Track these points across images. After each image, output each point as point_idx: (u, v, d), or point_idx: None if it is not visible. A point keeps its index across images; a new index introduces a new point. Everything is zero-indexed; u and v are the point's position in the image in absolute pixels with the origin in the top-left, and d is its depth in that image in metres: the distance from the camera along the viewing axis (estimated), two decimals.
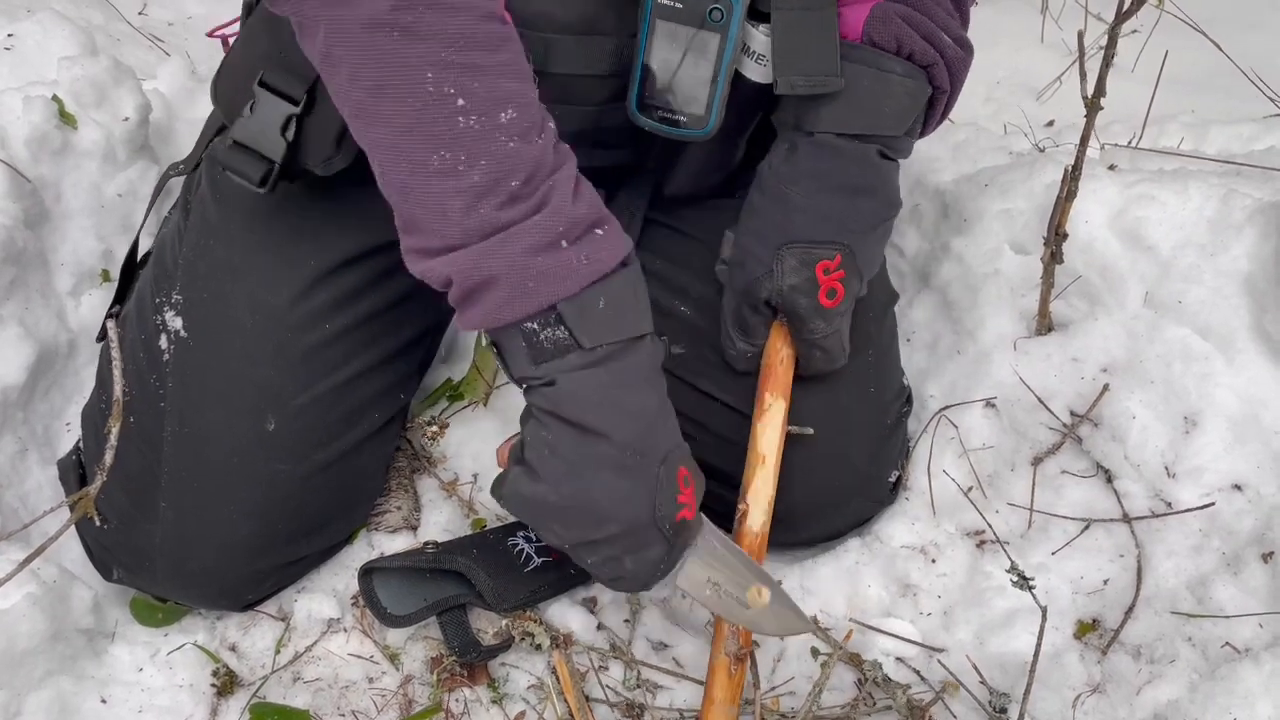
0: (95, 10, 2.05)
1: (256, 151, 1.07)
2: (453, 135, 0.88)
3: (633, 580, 1.00)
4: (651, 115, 1.07)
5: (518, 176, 0.89)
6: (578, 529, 0.97)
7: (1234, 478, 1.17)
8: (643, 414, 0.95)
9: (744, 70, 1.06)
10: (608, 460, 0.94)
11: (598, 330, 0.92)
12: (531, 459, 0.96)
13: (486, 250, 0.89)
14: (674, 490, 0.97)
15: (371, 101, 0.89)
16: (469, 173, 0.88)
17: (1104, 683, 1.11)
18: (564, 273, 0.91)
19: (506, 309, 0.91)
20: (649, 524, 0.96)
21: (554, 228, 0.90)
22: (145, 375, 1.13)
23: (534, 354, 0.93)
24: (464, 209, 0.89)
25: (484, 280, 0.90)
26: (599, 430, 0.94)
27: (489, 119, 0.89)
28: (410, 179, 0.90)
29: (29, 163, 1.31)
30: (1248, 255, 1.21)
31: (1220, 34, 1.75)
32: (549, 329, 0.92)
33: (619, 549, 0.97)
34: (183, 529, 1.10)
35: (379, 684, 1.15)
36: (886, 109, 1.06)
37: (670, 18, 1.01)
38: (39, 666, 1.06)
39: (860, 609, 1.20)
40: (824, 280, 1.07)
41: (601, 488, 0.94)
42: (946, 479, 1.24)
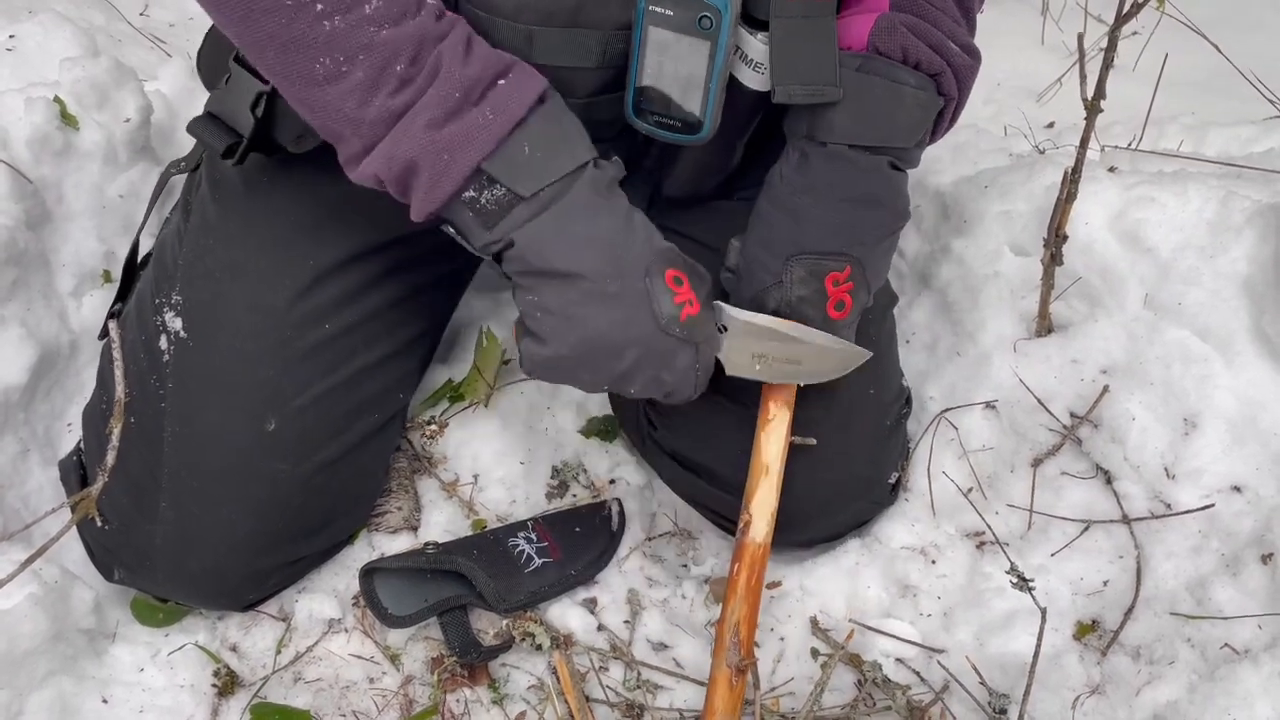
0: (96, 11, 2.06)
1: (227, 124, 1.09)
2: (324, 40, 0.91)
3: (681, 390, 1.05)
4: (647, 120, 1.07)
5: (400, 60, 0.92)
6: (603, 369, 1.01)
7: (1233, 479, 1.17)
8: (602, 239, 0.98)
9: (742, 78, 1.06)
10: (593, 295, 0.97)
11: (531, 176, 0.95)
12: (532, 326, 1.00)
13: (394, 138, 0.93)
14: (668, 294, 0.99)
15: (246, 31, 0.92)
16: (352, 71, 0.91)
17: (1103, 684, 1.11)
18: (474, 134, 0.93)
19: (436, 187, 0.94)
20: (660, 335, 1.00)
21: (450, 95, 0.93)
22: (145, 376, 1.14)
23: (483, 220, 0.96)
24: (359, 105, 0.92)
25: (404, 167, 0.94)
26: (570, 271, 0.97)
27: (352, 14, 0.91)
28: (306, 93, 0.94)
29: (31, 164, 1.31)
30: (1247, 257, 1.21)
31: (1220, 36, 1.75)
32: (486, 191, 0.95)
33: (649, 369, 1.01)
34: (183, 529, 1.11)
35: (380, 684, 1.15)
36: (900, 120, 1.06)
37: (662, 24, 1.01)
38: (40, 666, 1.06)
39: (860, 610, 1.20)
40: (833, 292, 1.06)
41: (600, 323, 0.98)
42: (946, 480, 1.24)
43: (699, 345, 1.03)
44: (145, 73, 1.61)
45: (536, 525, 1.23)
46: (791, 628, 1.20)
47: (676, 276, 1.01)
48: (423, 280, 1.22)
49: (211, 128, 1.10)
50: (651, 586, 1.24)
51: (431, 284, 1.24)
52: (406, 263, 1.19)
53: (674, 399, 1.07)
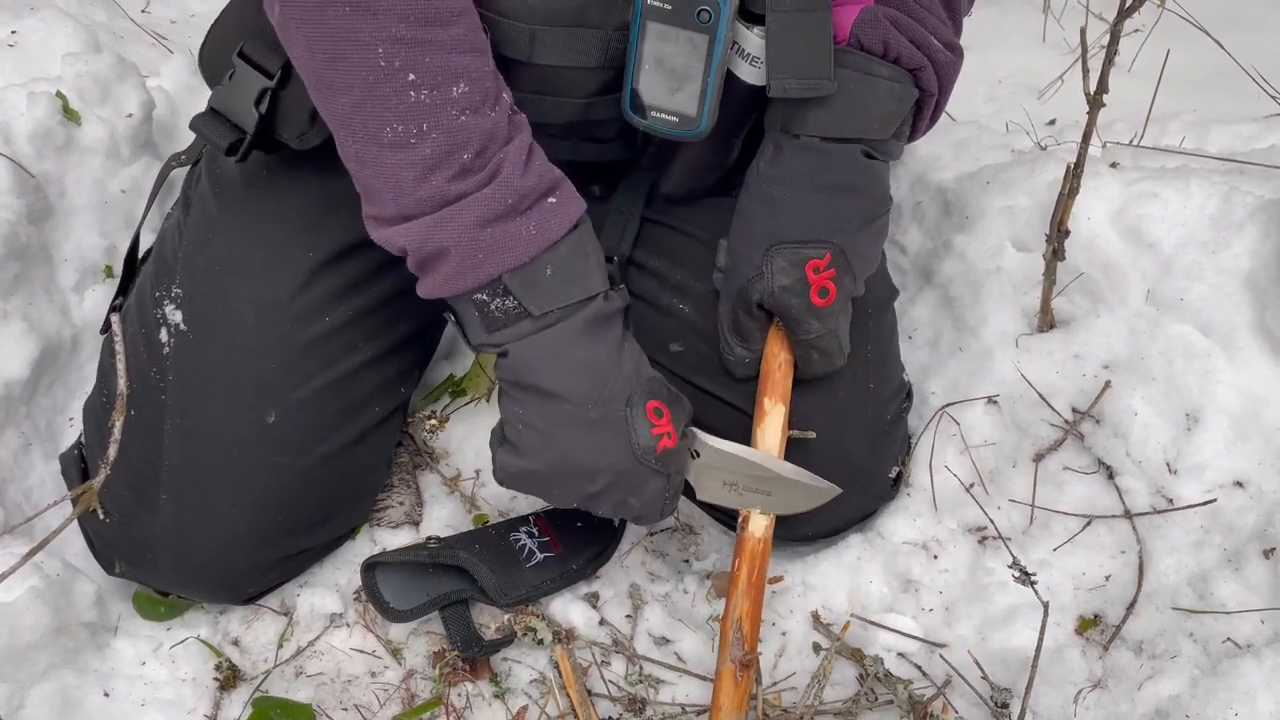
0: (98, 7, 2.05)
1: (230, 121, 1.09)
2: (404, 108, 0.91)
3: (648, 515, 1.08)
4: (645, 115, 1.07)
5: (469, 149, 0.93)
6: (574, 489, 1.04)
7: (1235, 474, 1.17)
8: (592, 366, 1.00)
9: (737, 72, 1.06)
10: (574, 419, 1.00)
11: (546, 298, 0.97)
12: (510, 436, 1.04)
13: (438, 222, 0.94)
14: (647, 425, 1.02)
15: (327, 73, 0.93)
16: (420, 145, 0.92)
17: (1105, 678, 1.11)
18: (512, 243, 0.95)
19: (458, 279, 0.96)
20: (634, 464, 1.02)
21: (503, 199, 0.94)
22: (146, 369, 1.14)
23: (487, 323, 0.99)
24: (416, 180, 0.93)
25: (435, 251, 0.95)
26: (555, 392, 1.00)
27: (440, 93, 0.92)
28: (365, 150, 0.94)
29: (33, 159, 1.31)
30: (1249, 253, 1.21)
31: (1222, 33, 1.75)
32: (498, 299, 0.97)
33: (619, 494, 1.04)
34: (184, 522, 1.11)
35: (381, 678, 1.15)
36: (873, 113, 1.06)
37: (660, 19, 1.01)
38: (42, 660, 1.06)
39: (862, 604, 1.20)
40: (815, 279, 1.07)
41: (577, 447, 1.01)
42: (948, 475, 1.24)
43: (670, 474, 1.05)
44: (147, 69, 1.61)
45: (538, 520, 1.23)
46: (793, 623, 1.20)
47: (658, 408, 1.03)
48: None
49: (215, 124, 1.10)
50: (653, 581, 1.24)
51: None
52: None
53: (641, 522, 1.10)
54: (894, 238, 1.45)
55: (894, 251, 1.45)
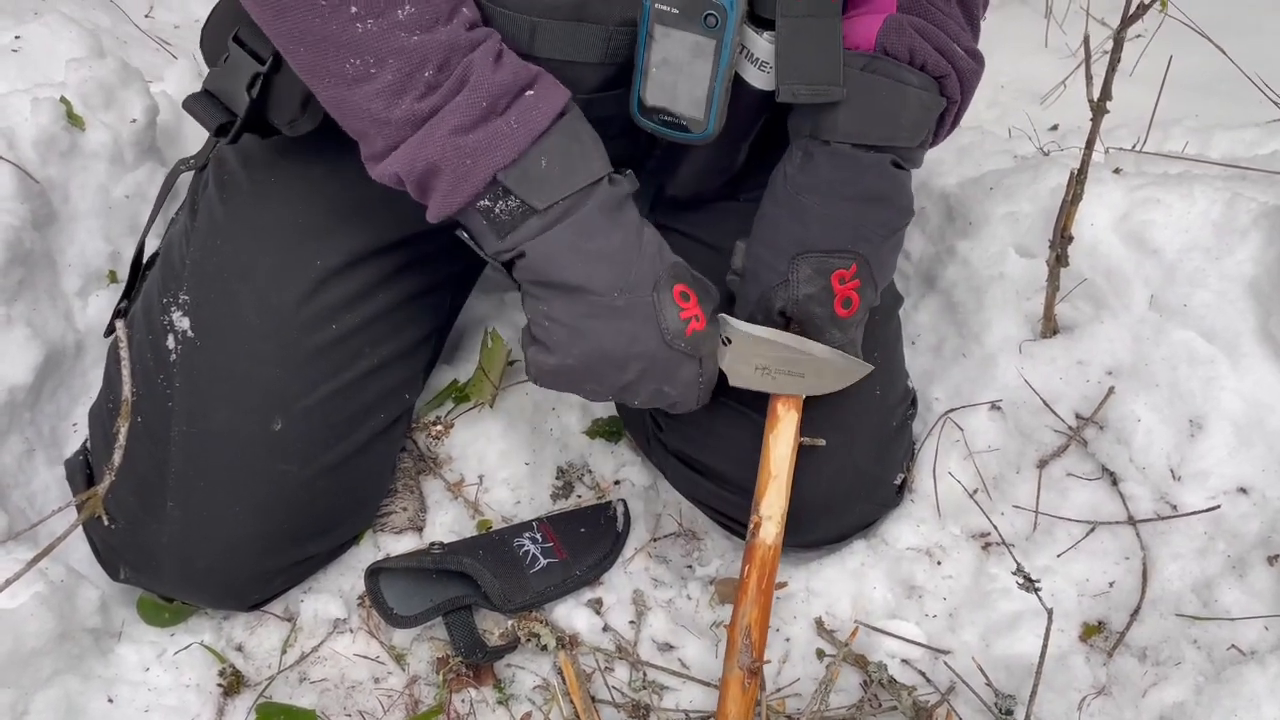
0: (102, 13, 2.06)
1: (222, 103, 1.11)
2: (355, 41, 0.93)
3: (684, 401, 1.08)
4: (652, 118, 1.07)
5: (429, 66, 0.94)
6: (608, 380, 1.04)
7: (1239, 481, 1.17)
8: (613, 255, 1.00)
9: (746, 76, 1.06)
10: (600, 309, 1.00)
11: (546, 190, 0.97)
12: (538, 334, 1.03)
13: (419, 140, 0.95)
14: (675, 309, 1.02)
15: (280, 25, 0.95)
16: (381, 73, 0.94)
17: (1109, 685, 1.11)
18: (497, 142, 0.95)
19: (455, 191, 0.96)
20: (665, 349, 1.02)
21: (477, 103, 0.95)
22: (152, 375, 1.14)
23: (496, 229, 0.99)
24: (386, 107, 0.94)
25: (426, 169, 0.96)
26: (578, 285, 0.99)
27: (385, 19, 0.93)
28: (334, 91, 0.96)
29: (37, 164, 1.31)
30: (1252, 259, 1.21)
31: (1224, 39, 1.75)
32: (501, 201, 0.97)
33: (653, 382, 1.04)
34: (189, 528, 1.11)
35: (385, 684, 1.15)
36: (903, 120, 1.06)
37: (667, 22, 1.01)
38: (46, 666, 1.06)
39: (866, 610, 1.20)
40: (839, 290, 1.07)
41: (606, 336, 1.01)
42: (952, 481, 1.24)
43: (703, 359, 1.05)
44: (151, 74, 1.61)
45: (542, 526, 1.23)
46: (797, 629, 1.20)
47: (684, 292, 1.03)
48: (428, 282, 1.22)
49: (207, 105, 1.12)
50: (657, 587, 1.24)
51: (437, 285, 1.24)
52: (412, 264, 1.19)
53: (677, 409, 1.10)
54: None
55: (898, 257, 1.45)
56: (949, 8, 1.09)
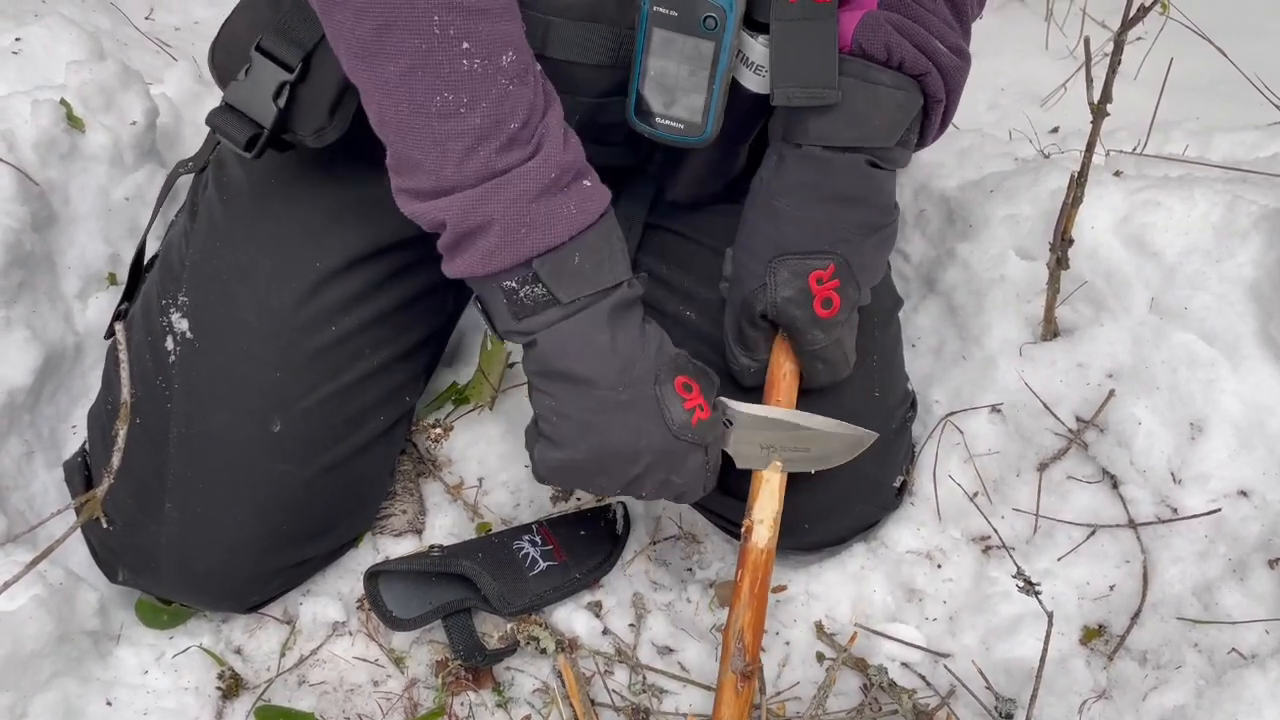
0: (102, 15, 2.06)
1: (247, 116, 1.08)
2: (457, 77, 0.90)
3: (691, 491, 1.08)
4: (649, 122, 1.07)
5: (516, 119, 0.92)
6: (616, 473, 1.04)
7: (1240, 484, 1.17)
8: (616, 349, 1.00)
9: (742, 80, 1.06)
10: (607, 404, 1.00)
11: (574, 285, 0.97)
12: (546, 430, 1.03)
13: (484, 194, 0.92)
14: (678, 401, 1.02)
15: (375, 41, 0.91)
16: (470, 115, 0.91)
17: (1110, 689, 1.11)
18: (554, 220, 0.94)
19: (496, 256, 0.95)
20: (672, 441, 1.02)
21: (548, 173, 0.94)
22: (151, 377, 1.14)
23: (515, 310, 0.98)
24: (464, 151, 0.92)
25: (480, 224, 0.94)
26: (585, 377, 0.99)
27: (491, 62, 0.91)
28: (410, 119, 0.92)
29: (37, 166, 1.31)
30: (1253, 262, 1.21)
31: (1225, 41, 1.75)
32: (528, 286, 0.96)
33: (661, 472, 1.04)
34: (188, 530, 1.11)
35: (384, 687, 1.15)
36: (875, 121, 1.06)
37: (666, 25, 1.01)
38: (45, 668, 1.06)
39: (866, 614, 1.20)
40: (818, 290, 1.06)
41: (614, 430, 1.01)
42: (952, 484, 1.24)
43: (708, 447, 1.05)
44: (151, 76, 1.62)
45: (541, 528, 1.23)
46: (797, 632, 1.19)
47: (686, 383, 1.03)
48: (428, 284, 1.22)
49: (231, 119, 1.08)
50: (656, 590, 1.24)
51: (437, 288, 1.24)
52: (412, 266, 1.19)
53: (683, 500, 1.10)
54: (897, 246, 1.45)
55: (897, 260, 1.45)
56: (933, 4, 1.08)
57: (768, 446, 1.08)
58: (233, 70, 1.10)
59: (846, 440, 1.10)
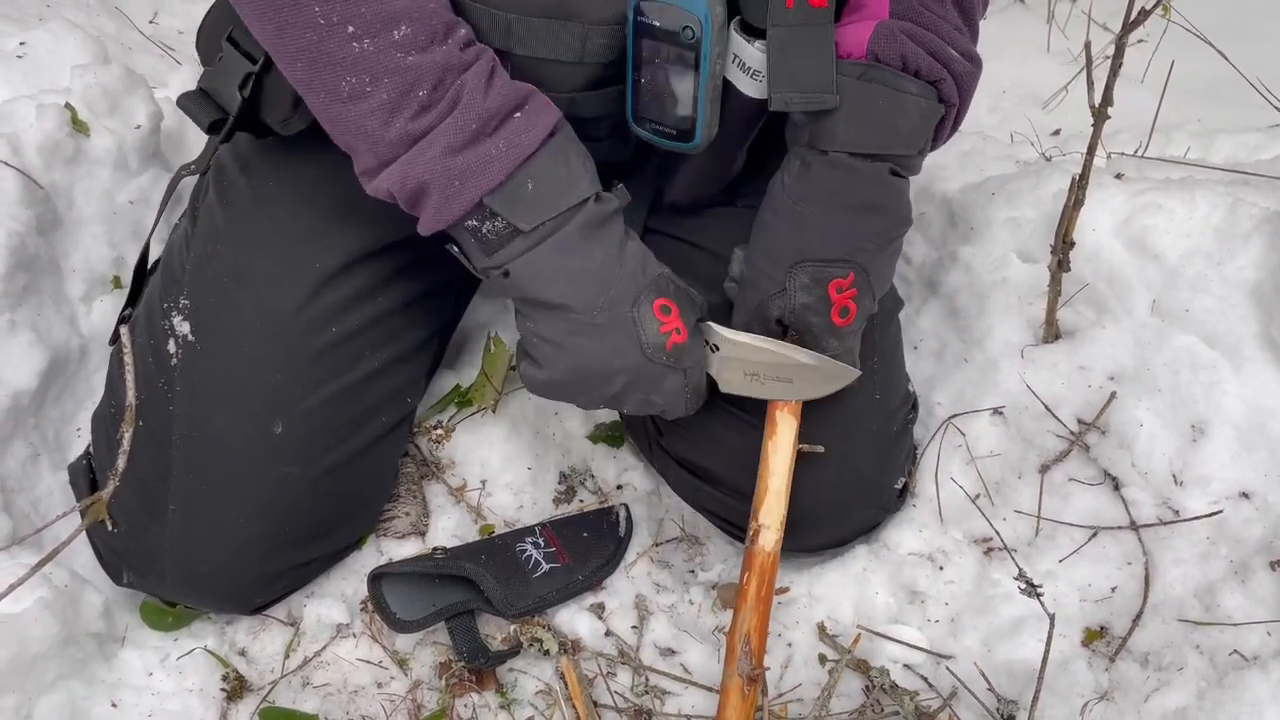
0: (106, 19, 2.07)
1: (216, 102, 1.12)
2: (351, 60, 0.95)
3: (672, 409, 1.10)
4: (644, 126, 1.09)
5: (423, 86, 0.96)
6: (595, 392, 1.07)
7: (1241, 486, 1.17)
8: (591, 272, 1.02)
9: (739, 85, 1.07)
10: (581, 326, 1.03)
11: (532, 212, 0.99)
12: (529, 350, 1.07)
13: (410, 160, 0.97)
14: (655, 324, 1.04)
15: (279, 43, 0.96)
16: (376, 92, 0.95)
17: (1112, 690, 1.11)
18: (484, 165, 0.97)
19: (444, 210, 0.98)
20: (646, 363, 1.05)
21: (467, 125, 0.96)
22: (154, 380, 1.14)
23: (483, 247, 1.01)
24: (381, 125, 0.96)
25: (416, 188, 0.98)
26: (560, 303, 1.02)
27: (381, 39, 0.94)
28: (330, 108, 0.98)
29: (42, 170, 1.31)
30: (1255, 264, 1.21)
31: (1226, 44, 1.76)
32: (488, 221, 1.00)
33: (639, 392, 1.07)
34: (192, 532, 1.11)
35: (388, 689, 1.15)
36: (901, 128, 1.06)
37: (650, 35, 1.03)
38: (50, 670, 1.06)
39: (868, 616, 1.20)
40: (837, 299, 1.07)
41: (588, 353, 1.04)
42: (954, 486, 1.24)
43: (687, 369, 1.07)
44: (155, 80, 1.62)
45: (544, 530, 1.23)
46: (799, 634, 1.20)
47: (665, 305, 1.05)
48: (429, 285, 1.22)
49: (201, 102, 1.13)
50: (659, 592, 1.24)
51: (438, 289, 1.25)
52: (412, 266, 1.19)
53: (668, 416, 1.12)
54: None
55: (899, 262, 1.44)
56: (943, 9, 1.08)
57: (751, 374, 1.09)
58: (210, 58, 1.15)
59: (828, 373, 1.10)
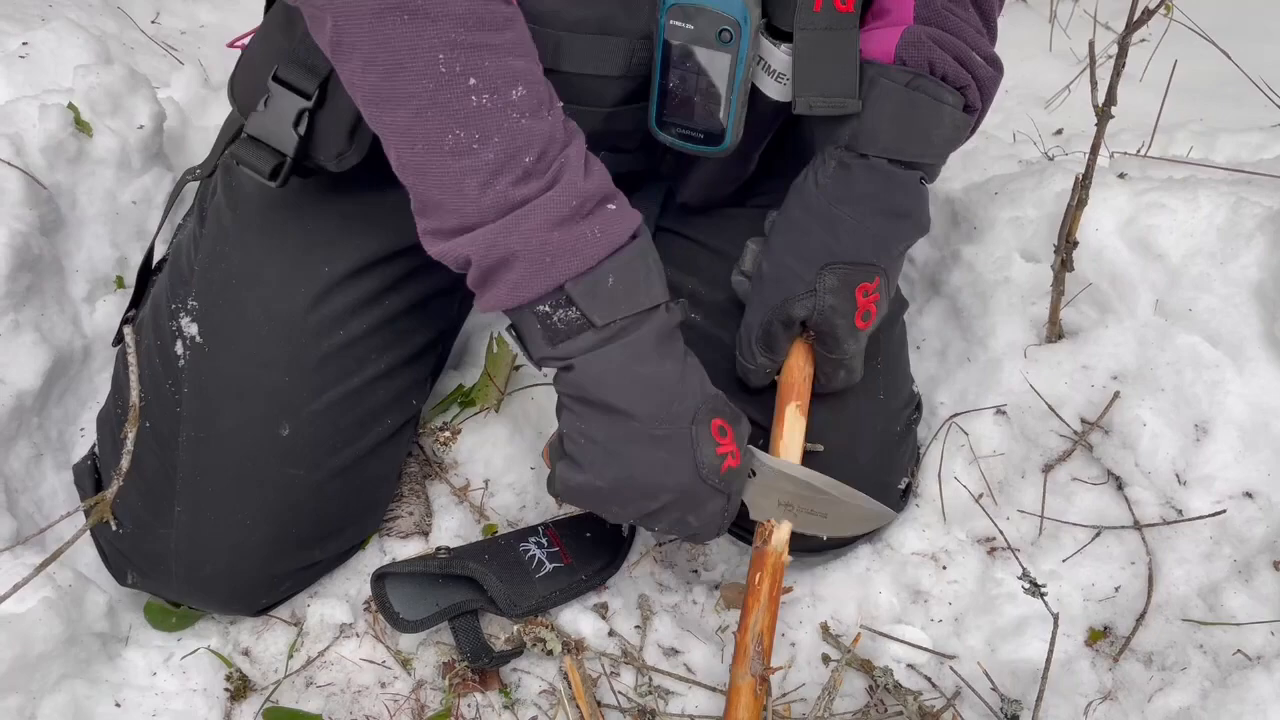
0: (108, 19, 2.07)
1: (269, 145, 1.08)
2: (466, 114, 0.90)
3: (705, 533, 1.06)
4: (670, 132, 1.08)
5: (531, 152, 0.92)
6: (633, 506, 1.02)
7: (1245, 485, 1.17)
8: (661, 383, 0.98)
9: (763, 88, 1.07)
10: (640, 436, 0.98)
11: (608, 307, 0.95)
12: (571, 450, 1.01)
13: (504, 227, 0.92)
14: (712, 445, 1.00)
15: (386, 86, 0.91)
16: (483, 151, 0.91)
17: (1115, 690, 1.11)
18: (579, 246, 0.93)
19: (524, 287, 0.94)
20: (698, 483, 1.00)
21: (568, 202, 0.92)
22: (160, 381, 1.14)
23: (549, 335, 0.96)
24: (480, 187, 0.91)
25: (503, 258, 0.93)
26: (623, 409, 0.97)
27: (500, 96, 0.91)
28: (426, 160, 0.92)
29: (45, 170, 1.32)
30: (1258, 263, 1.21)
31: (1229, 43, 1.76)
32: (561, 309, 0.95)
33: (678, 512, 1.02)
34: (197, 533, 1.11)
35: (391, 689, 1.15)
36: (936, 138, 1.06)
37: (682, 39, 1.02)
38: (54, 670, 1.06)
39: (871, 615, 1.20)
40: (862, 302, 1.07)
41: (641, 465, 0.99)
42: (957, 486, 1.24)
43: (731, 495, 1.04)
44: (157, 80, 1.62)
45: (547, 530, 1.23)
46: (803, 634, 1.20)
47: (722, 427, 1.01)
48: (434, 288, 1.22)
49: (255, 150, 1.09)
50: (662, 592, 1.24)
51: (443, 291, 1.25)
52: (418, 270, 1.19)
53: (696, 540, 1.10)
54: None
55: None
56: (966, 13, 1.08)
57: (785, 503, 1.07)
58: (252, 102, 1.10)
59: (864, 513, 1.10)
